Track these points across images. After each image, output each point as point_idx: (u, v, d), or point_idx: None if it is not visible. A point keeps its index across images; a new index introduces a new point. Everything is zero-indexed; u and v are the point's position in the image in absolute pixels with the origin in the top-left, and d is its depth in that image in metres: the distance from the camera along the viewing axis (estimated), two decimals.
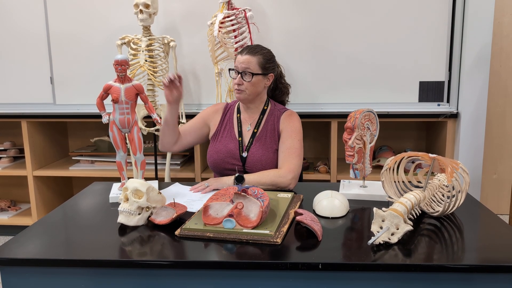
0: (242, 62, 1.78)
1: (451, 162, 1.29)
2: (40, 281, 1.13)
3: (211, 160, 1.88)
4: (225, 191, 1.37)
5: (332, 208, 1.36)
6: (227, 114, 1.92)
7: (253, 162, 1.81)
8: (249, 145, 1.83)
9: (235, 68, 1.80)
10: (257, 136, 1.84)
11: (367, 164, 1.56)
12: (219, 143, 1.87)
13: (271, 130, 1.85)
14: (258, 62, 1.78)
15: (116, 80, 1.54)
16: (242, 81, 1.78)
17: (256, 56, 1.79)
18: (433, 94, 2.63)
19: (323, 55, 2.65)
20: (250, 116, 1.88)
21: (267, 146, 1.82)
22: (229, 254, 1.10)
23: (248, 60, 1.77)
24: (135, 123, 1.57)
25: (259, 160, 1.80)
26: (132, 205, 1.29)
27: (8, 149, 3.16)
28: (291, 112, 1.90)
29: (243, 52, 1.80)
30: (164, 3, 2.65)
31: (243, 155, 1.82)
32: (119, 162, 1.61)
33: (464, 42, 2.54)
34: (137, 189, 1.30)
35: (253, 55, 1.78)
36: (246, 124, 1.88)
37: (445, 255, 1.08)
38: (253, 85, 1.79)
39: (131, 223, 1.28)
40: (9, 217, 3.06)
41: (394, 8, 2.56)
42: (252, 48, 1.81)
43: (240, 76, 1.78)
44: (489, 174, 3.14)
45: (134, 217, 1.28)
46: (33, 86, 2.87)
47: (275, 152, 1.83)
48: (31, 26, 2.79)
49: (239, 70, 1.78)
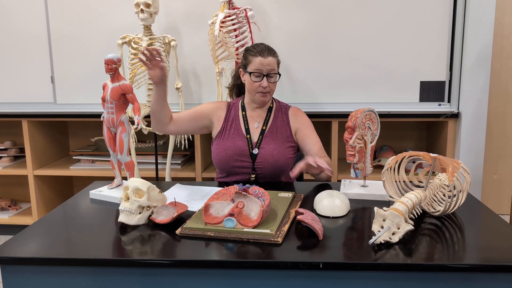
0: (268, 64, 1.79)
1: (452, 161, 1.28)
2: (41, 280, 1.13)
3: (219, 157, 1.86)
4: (226, 191, 1.37)
5: (333, 208, 1.36)
6: (231, 111, 1.92)
7: (264, 157, 1.82)
8: (259, 142, 1.84)
9: (258, 71, 1.79)
10: (267, 132, 1.87)
11: (368, 163, 1.56)
12: (227, 141, 1.86)
13: (281, 126, 1.89)
14: (277, 62, 1.85)
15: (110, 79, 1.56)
16: (269, 84, 1.81)
17: (275, 57, 1.84)
18: (434, 94, 2.63)
19: (324, 54, 2.64)
20: (259, 114, 1.90)
21: (279, 141, 1.85)
22: (230, 254, 1.10)
23: (272, 62, 1.80)
24: (121, 123, 1.57)
25: (271, 154, 1.82)
26: (133, 204, 1.29)
27: (9, 148, 3.16)
28: (296, 107, 1.98)
29: (263, 54, 1.79)
30: (165, 3, 2.65)
31: (254, 152, 1.83)
32: (111, 161, 1.63)
33: (465, 42, 2.54)
34: (137, 188, 1.30)
35: (273, 56, 1.82)
36: (253, 122, 1.89)
37: (446, 254, 1.08)
38: (275, 86, 1.85)
39: (131, 222, 1.28)
40: (9, 216, 3.06)
41: (395, 8, 2.56)
42: (270, 50, 1.84)
43: (266, 79, 1.80)
44: (490, 174, 3.14)
45: (135, 216, 1.28)
46: (33, 86, 2.87)
47: (288, 147, 1.85)
48: (31, 25, 2.79)
49: (264, 73, 1.79)
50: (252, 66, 1.80)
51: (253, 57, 1.81)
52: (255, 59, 1.79)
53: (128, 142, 1.58)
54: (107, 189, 1.61)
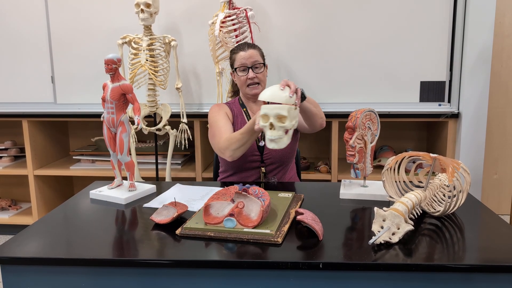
0: (250, 56, 1.84)
1: (452, 162, 1.28)
2: (41, 280, 1.13)
3: None
4: (226, 191, 1.37)
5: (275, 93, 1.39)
6: (234, 110, 1.95)
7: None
8: (263, 134, 1.86)
9: (242, 65, 1.85)
10: None
11: (368, 164, 1.56)
12: None
13: None
14: (260, 53, 1.89)
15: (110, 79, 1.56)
16: (255, 74, 1.84)
17: (256, 49, 1.89)
18: (434, 94, 2.63)
19: (324, 54, 2.64)
20: (258, 109, 1.91)
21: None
22: (230, 254, 1.10)
23: (254, 53, 1.85)
24: (121, 123, 1.57)
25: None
26: (279, 130, 1.35)
27: (9, 148, 3.16)
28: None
29: (243, 48, 1.86)
30: (165, 3, 2.65)
31: (260, 145, 1.88)
32: (111, 161, 1.63)
33: (465, 42, 2.54)
34: (279, 114, 1.35)
35: (254, 48, 1.88)
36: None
37: (446, 255, 1.08)
38: (263, 76, 1.88)
39: (283, 145, 1.37)
40: (9, 216, 3.06)
41: (395, 8, 2.56)
42: (249, 44, 1.91)
43: (251, 71, 1.83)
44: (490, 174, 3.14)
45: (284, 139, 1.36)
46: (34, 85, 2.87)
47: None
48: (32, 25, 2.80)
49: (248, 65, 1.84)
50: (237, 62, 1.87)
51: (235, 54, 1.88)
52: (237, 56, 1.87)
53: (128, 142, 1.58)
54: (107, 189, 1.61)
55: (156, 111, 2.58)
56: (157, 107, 2.58)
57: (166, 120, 2.56)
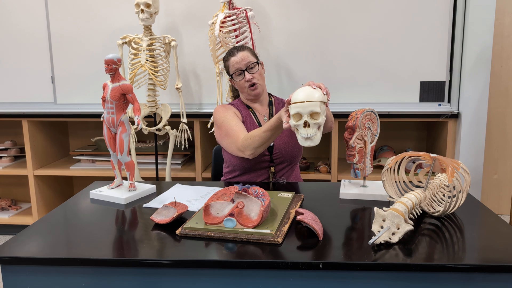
0: (241, 60, 1.84)
1: (452, 162, 1.28)
2: (41, 280, 1.13)
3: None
4: (226, 191, 1.37)
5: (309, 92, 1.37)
6: (241, 110, 1.94)
7: (281, 147, 1.86)
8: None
9: (237, 70, 1.85)
10: None
11: (368, 164, 1.56)
12: None
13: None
14: (251, 53, 1.88)
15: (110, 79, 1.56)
16: (252, 75, 1.84)
17: (246, 50, 1.88)
18: (434, 94, 2.63)
19: (324, 54, 2.65)
20: (262, 109, 1.94)
21: (289, 130, 1.85)
22: (230, 254, 1.10)
23: (245, 55, 1.85)
24: (121, 123, 1.57)
25: (287, 142, 1.87)
26: (313, 127, 1.35)
27: (9, 148, 3.16)
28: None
29: (233, 54, 1.86)
30: (165, 3, 2.65)
31: (270, 144, 1.85)
32: (111, 161, 1.63)
33: (465, 42, 2.54)
34: (313, 111, 1.35)
35: (244, 50, 1.87)
36: (261, 116, 1.93)
37: (445, 255, 1.08)
38: (260, 75, 1.88)
39: (315, 143, 1.36)
40: (9, 216, 3.06)
41: (395, 8, 2.56)
42: (237, 47, 1.90)
43: (247, 72, 1.83)
44: (490, 174, 3.14)
45: (318, 135, 1.37)
46: (34, 86, 2.87)
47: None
48: (32, 25, 2.80)
49: (243, 68, 1.84)
50: (231, 68, 1.87)
51: (227, 61, 1.88)
52: (230, 62, 1.87)
53: (128, 142, 1.58)
54: (107, 189, 1.61)
55: (156, 111, 2.59)
56: (157, 107, 2.58)
57: (166, 120, 2.56)
